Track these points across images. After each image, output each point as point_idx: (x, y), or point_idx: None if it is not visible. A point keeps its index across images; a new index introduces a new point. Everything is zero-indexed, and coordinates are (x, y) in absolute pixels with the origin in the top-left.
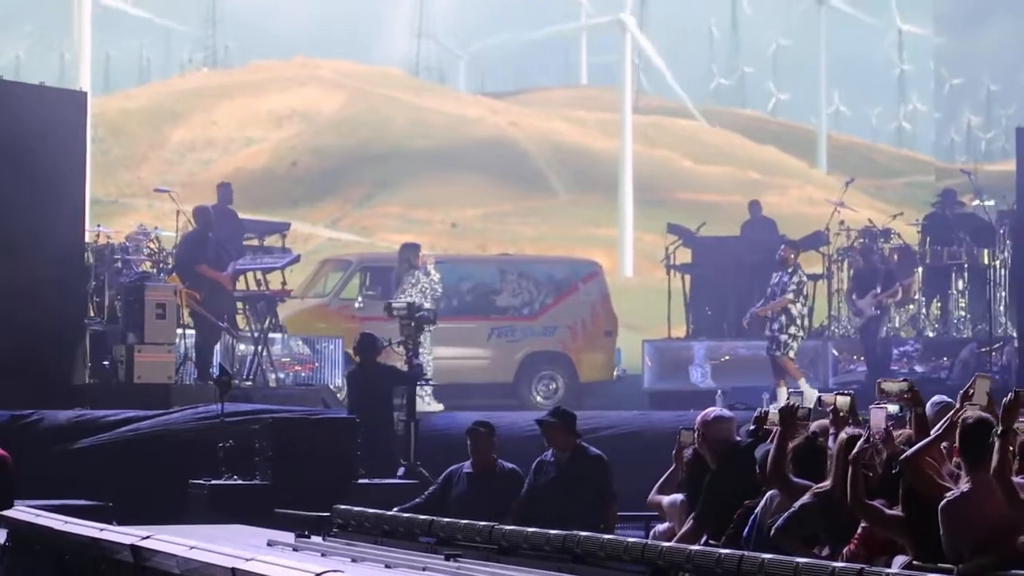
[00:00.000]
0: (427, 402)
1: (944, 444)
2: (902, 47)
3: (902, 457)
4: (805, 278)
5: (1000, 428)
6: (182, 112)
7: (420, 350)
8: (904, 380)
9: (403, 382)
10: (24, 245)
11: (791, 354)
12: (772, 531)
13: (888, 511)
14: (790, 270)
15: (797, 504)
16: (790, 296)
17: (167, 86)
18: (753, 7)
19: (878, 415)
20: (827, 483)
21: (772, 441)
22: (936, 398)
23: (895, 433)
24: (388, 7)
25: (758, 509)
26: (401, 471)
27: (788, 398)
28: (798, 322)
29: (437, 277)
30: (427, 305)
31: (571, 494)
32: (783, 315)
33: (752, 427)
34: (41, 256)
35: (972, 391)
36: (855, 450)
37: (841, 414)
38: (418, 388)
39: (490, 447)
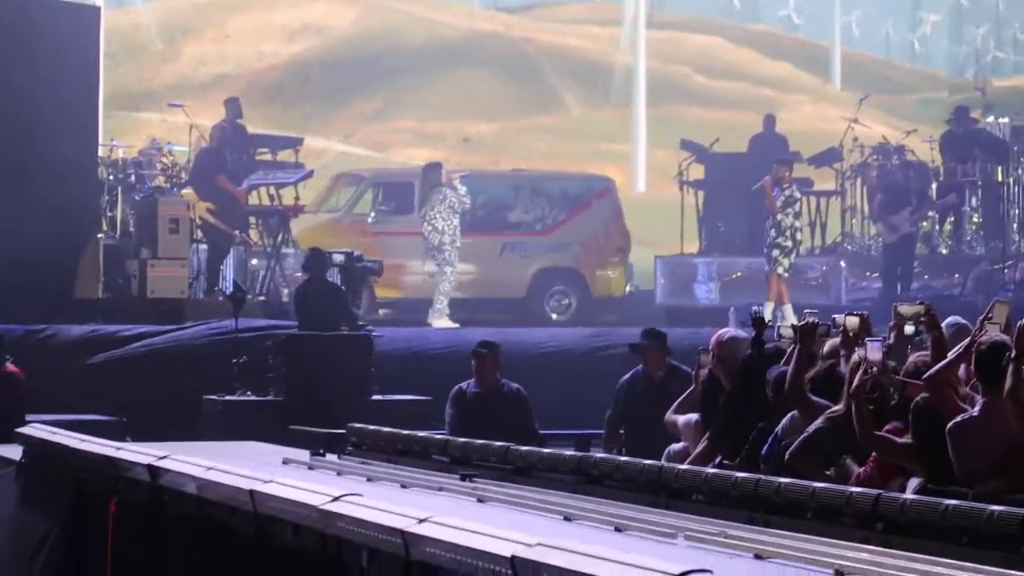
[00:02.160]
0: (440, 318)
1: (962, 367)
2: None
3: (923, 377)
4: (798, 194)
5: (1014, 352)
6: (194, 27)
7: (361, 300)
8: (921, 303)
9: (344, 314)
10: (39, 160)
11: (780, 270)
12: (787, 456)
13: (898, 440)
14: (785, 185)
15: (810, 429)
16: (779, 204)
17: (179, 0)
18: None
19: (874, 349)
20: (840, 407)
21: (789, 361)
22: (951, 319)
23: (914, 356)
24: None
25: (779, 428)
26: None
27: (805, 316)
28: (787, 233)
29: (464, 190)
30: (366, 263)
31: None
32: (773, 228)
33: (752, 333)
34: (55, 171)
35: (992, 315)
36: (854, 384)
37: (851, 334)
38: (439, 298)
39: (495, 367)
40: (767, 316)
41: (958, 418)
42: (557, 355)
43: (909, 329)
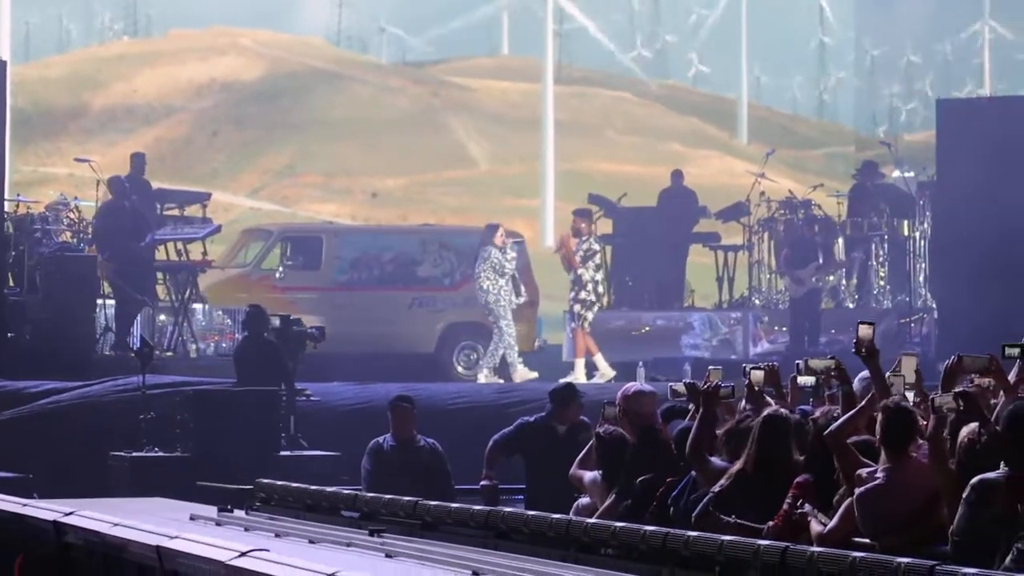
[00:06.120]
0: (519, 371)
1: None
2: (823, 17)
3: (825, 432)
4: (596, 246)
5: (940, 392)
6: (102, 81)
7: (298, 360)
8: (831, 357)
9: (279, 374)
10: None
11: (585, 325)
12: (694, 519)
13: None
14: (584, 237)
15: (715, 488)
16: (577, 260)
17: (87, 54)
18: None
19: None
20: (739, 463)
21: (693, 418)
22: (862, 374)
23: (820, 410)
24: None
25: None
26: (281, 443)
27: (708, 375)
28: (588, 287)
29: (511, 255)
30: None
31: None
32: (575, 283)
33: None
34: None
35: (899, 369)
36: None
37: (756, 388)
38: (509, 353)
39: (412, 421)
40: (577, 373)
41: (865, 486)
42: (467, 410)
43: (804, 380)
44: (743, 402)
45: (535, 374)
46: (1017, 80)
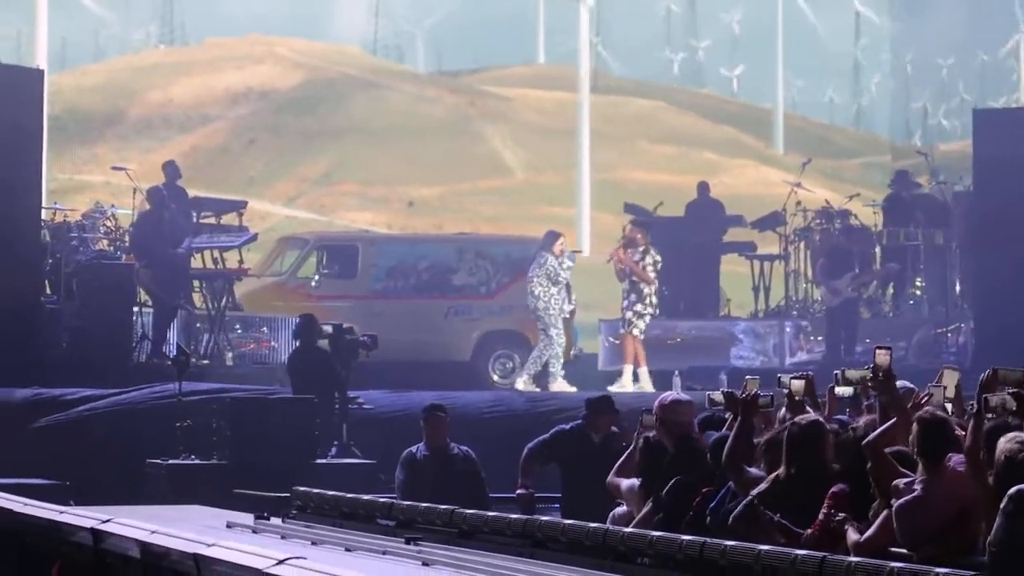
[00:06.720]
0: (559, 383)
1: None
2: (859, 28)
3: (864, 442)
4: (658, 256)
5: (975, 407)
6: (138, 89)
7: (351, 369)
8: (867, 367)
9: (332, 382)
10: None
11: (635, 332)
12: (732, 519)
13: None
14: (641, 249)
15: (754, 492)
16: (651, 275)
17: (123, 63)
18: None
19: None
20: (782, 470)
21: (730, 428)
22: (899, 383)
23: (863, 419)
24: None
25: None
26: (333, 451)
27: (746, 384)
28: (646, 300)
29: (568, 264)
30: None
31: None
32: (632, 293)
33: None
34: None
35: (941, 382)
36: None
37: (796, 398)
38: (553, 362)
39: (445, 430)
40: (624, 379)
41: (904, 498)
42: (502, 419)
43: (842, 391)
44: (782, 411)
45: (573, 388)
46: None
